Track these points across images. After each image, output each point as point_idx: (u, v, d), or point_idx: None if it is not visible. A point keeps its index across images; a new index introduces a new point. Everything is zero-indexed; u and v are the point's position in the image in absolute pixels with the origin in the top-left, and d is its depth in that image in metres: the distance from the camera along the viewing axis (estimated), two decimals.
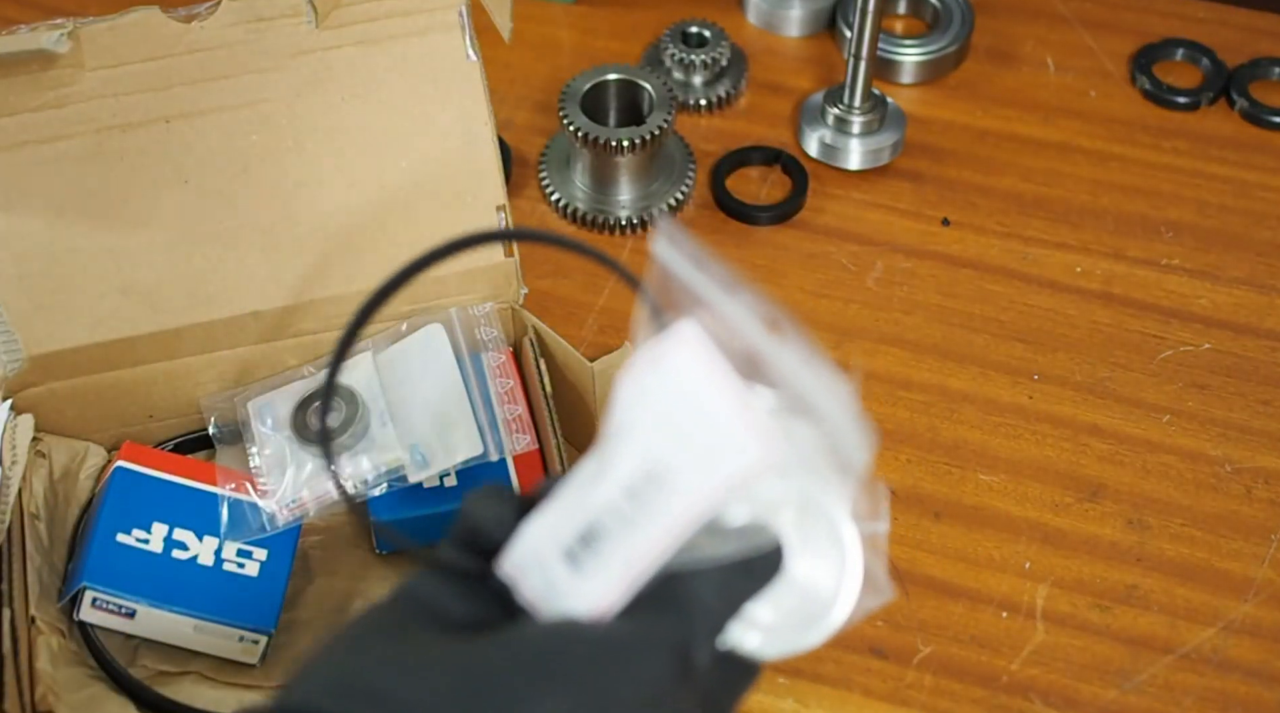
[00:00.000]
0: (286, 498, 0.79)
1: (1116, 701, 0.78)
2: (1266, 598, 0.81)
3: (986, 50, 1.08)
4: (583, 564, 0.48)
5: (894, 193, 1.00)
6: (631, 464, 0.48)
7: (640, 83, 0.97)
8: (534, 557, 0.49)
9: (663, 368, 0.48)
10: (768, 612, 0.50)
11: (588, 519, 0.48)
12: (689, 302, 0.49)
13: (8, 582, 0.73)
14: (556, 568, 0.48)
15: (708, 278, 0.49)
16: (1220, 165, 1.01)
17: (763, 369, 0.48)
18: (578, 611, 0.48)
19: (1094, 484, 0.86)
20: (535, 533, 0.49)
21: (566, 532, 0.48)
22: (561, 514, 0.49)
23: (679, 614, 0.48)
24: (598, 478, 0.48)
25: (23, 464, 0.75)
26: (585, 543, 0.48)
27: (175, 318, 0.81)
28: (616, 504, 0.48)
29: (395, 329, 0.83)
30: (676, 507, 0.47)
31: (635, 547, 0.48)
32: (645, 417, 0.48)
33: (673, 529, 0.47)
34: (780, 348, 0.48)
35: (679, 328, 0.48)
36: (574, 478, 0.49)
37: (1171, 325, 0.93)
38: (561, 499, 0.49)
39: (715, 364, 0.47)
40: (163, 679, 0.76)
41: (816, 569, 0.50)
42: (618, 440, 0.48)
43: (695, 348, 0.48)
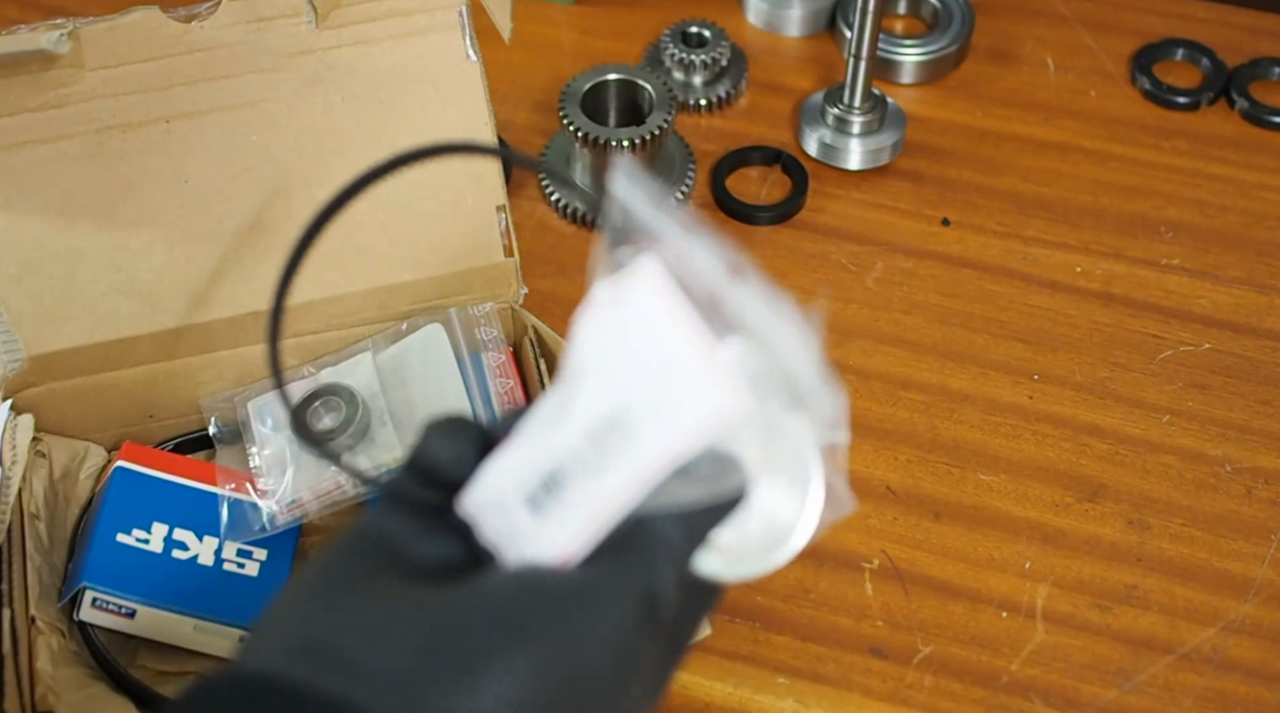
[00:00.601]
0: (286, 498, 0.79)
1: (1116, 701, 0.78)
2: (1266, 598, 0.81)
3: (986, 50, 1.08)
4: (545, 510, 0.47)
5: (894, 193, 1.00)
6: (593, 408, 0.47)
7: (640, 83, 0.97)
8: (496, 499, 0.48)
9: (623, 305, 0.47)
10: (731, 536, 0.50)
11: (550, 464, 0.47)
12: (648, 240, 0.47)
13: (8, 582, 0.73)
14: (519, 512, 0.47)
15: (667, 217, 0.47)
16: (1220, 165, 1.01)
17: (723, 309, 0.47)
18: (541, 556, 0.47)
19: (1094, 484, 0.86)
20: (497, 474, 0.48)
21: (528, 476, 0.47)
22: (523, 457, 0.48)
23: (644, 557, 0.47)
24: (559, 420, 0.47)
25: (23, 464, 0.75)
26: (547, 489, 0.47)
27: (175, 318, 0.81)
28: (579, 450, 0.47)
29: (395, 329, 0.83)
30: (639, 456, 0.46)
31: (598, 494, 0.47)
32: (606, 357, 0.47)
33: (635, 479, 0.46)
34: (741, 287, 0.47)
35: (640, 263, 0.47)
36: (535, 417, 0.48)
37: (1171, 325, 0.93)
38: (523, 441, 0.48)
39: (677, 302, 0.46)
40: (163, 679, 0.76)
41: (778, 492, 0.50)
42: (579, 382, 0.47)
43: (656, 284, 0.46)
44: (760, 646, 0.79)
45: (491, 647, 0.45)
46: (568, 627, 0.45)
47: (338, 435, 0.79)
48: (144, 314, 0.80)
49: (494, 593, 0.47)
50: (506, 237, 0.84)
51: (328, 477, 0.79)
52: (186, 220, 0.80)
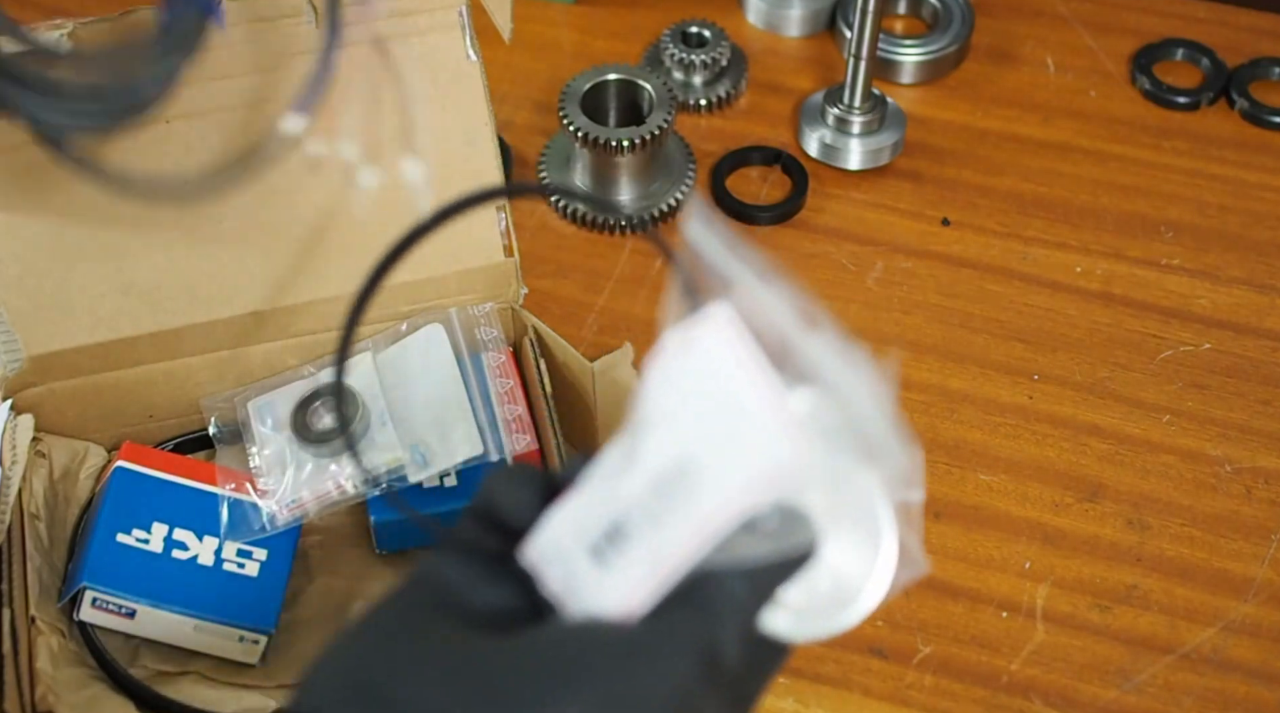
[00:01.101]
0: (286, 498, 0.79)
1: (1116, 701, 0.78)
2: (1266, 598, 0.81)
3: (986, 50, 1.08)
4: (609, 562, 0.46)
5: (894, 193, 1.00)
6: (660, 458, 0.46)
7: (640, 83, 0.97)
8: (558, 549, 0.47)
9: (693, 353, 0.46)
10: (799, 594, 0.48)
11: (614, 514, 0.46)
12: (721, 286, 0.46)
13: (8, 582, 0.73)
14: (581, 562, 0.46)
15: (741, 263, 0.46)
16: (1220, 165, 1.01)
17: (794, 358, 0.46)
18: (603, 609, 0.46)
19: (1094, 484, 0.86)
20: (560, 524, 0.47)
21: (592, 526, 0.46)
22: (587, 506, 0.47)
23: (707, 612, 0.46)
24: (625, 470, 0.46)
25: (23, 464, 0.75)
26: (611, 539, 0.46)
27: (175, 318, 0.81)
28: (644, 500, 0.46)
29: (395, 329, 0.83)
30: (705, 508, 0.45)
31: (662, 548, 0.46)
32: (674, 406, 0.46)
33: (701, 531, 0.45)
34: (813, 336, 0.46)
35: (711, 310, 0.46)
36: (601, 465, 0.47)
37: (1171, 325, 0.93)
38: (588, 490, 0.47)
39: (747, 350, 0.45)
40: (163, 679, 0.76)
41: (849, 549, 0.48)
42: (646, 431, 0.46)
43: (727, 332, 0.45)
44: None
45: (547, 698, 0.44)
46: (626, 681, 0.45)
47: (337, 436, 0.79)
48: (144, 314, 0.80)
49: (552, 644, 0.46)
50: (506, 237, 0.84)
51: (327, 477, 0.79)
52: (186, 220, 0.80)
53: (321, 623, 0.79)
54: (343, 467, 0.79)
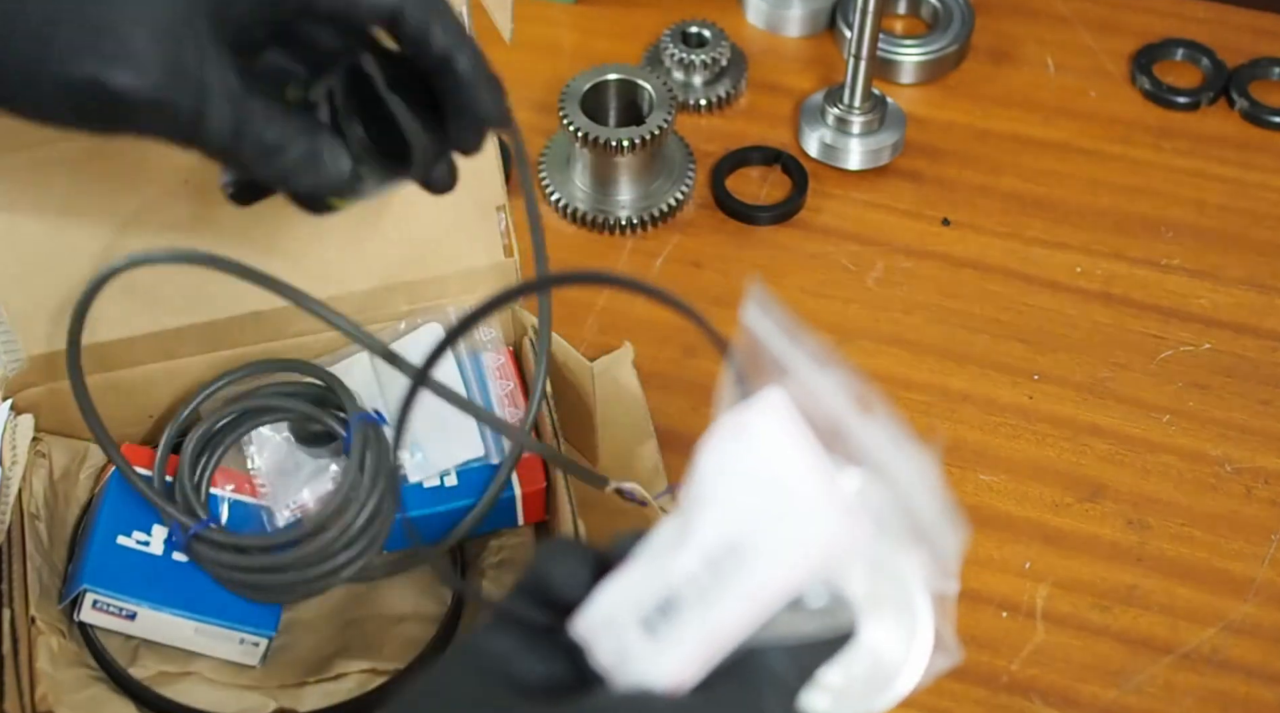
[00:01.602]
0: (287, 499, 0.78)
1: (1116, 701, 0.78)
2: (1266, 598, 0.81)
3: (986, 50, 1.08)
4: (660, 635, 0.47)
5: (894, 193, 1.00)
6: (713, 535, 0.47)
7: (640, 83, 0.97)
8: (610, 622, 0.48)
9: (746, 436, 0.47)
10: (837, 675, 0.50)
11: (666, 588, 0.47)
12: (776, 371, 0.48)
13: (8, 582, 0.73)
14: (632, 636, 0.48)
15: (797, 349, 0.48)
16: (1220, 165, 1.01)
17: (848, 444, 0.47)
18: (653, 680, 0.47)
19: (1094, 484, 0.86)
20: (612, 597, 0.48)
21: (644, 599, 0.48)
22: (640, 580, 0.48)
23: (753, 688, 0.47)
24: (677, 546, 0.48)
25: (23, 464, 0.75)
26: (663, 613, 0.47)
27: (175, 318, 0.81)
28: (696, 575, 0.47)
29: (393, 329, 0.83)
30: (756, 582, 0.47)
31: (714, 622, 0.47)
32: (728, 486, 0.47)
33: (752, 606, 0.47)
34: (867, 424, 0.47)
35: (765, 396, 0.47)
36: (652, 542, 0.49)
37: (1171, 325, 0.93)
38: (640, 565, 0.48)
39: (800, 436, 0.47)
40: (163, 680, 0.76)
41: (886, 633, 0.50)
42: (699, 509, 0.47)
43: (781, 418, 0.47)
44: None
45: None
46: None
47: (335, 438, 0.79)
48: (144, 314, 0.80)
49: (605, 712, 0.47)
50: (506, 236, 0.83)
51: (327, 477, 0.79)
52: (186, 221, 0.80)
53: (322, 624, 0.79)
54: (341, 468, 0.78)
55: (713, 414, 0.48)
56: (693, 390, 0.89)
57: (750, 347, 0.48)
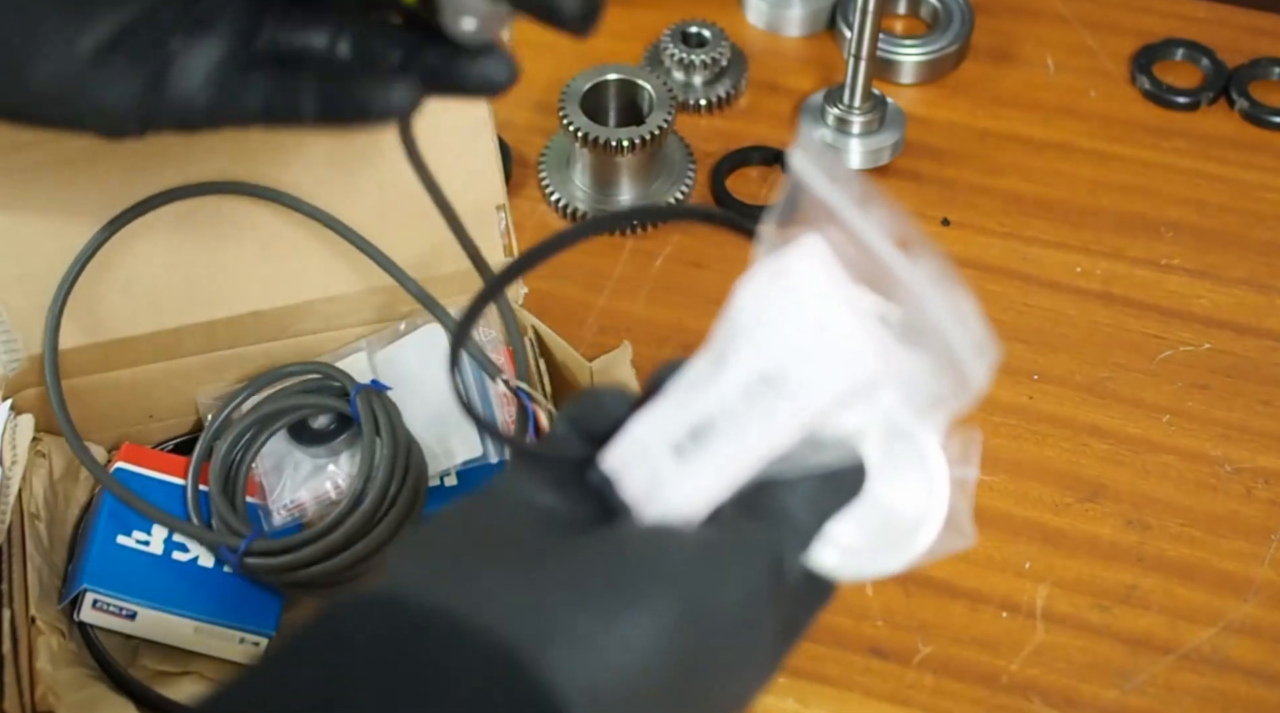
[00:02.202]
0: (285, 499, 0.78)
1: (1116, 701, 0.78)
2: (1266, 598, 0.81)
3: (986, 50, 1.08)
4: (690, 458, 0.48)
5: (894, 193, 0.99)
6: (748, 365, 0.48)
7: (640, 83, 0.97)
8: (640, 451, 0.48)
9: (784, 278, 0.48)
10: (848, 531, 0.50)
11: (700, 415, 0.48)
12: (820, 214, 0.48)
13: (8, 582, 0.73)
14: (663, 460, 0.48)
15: (841, 191, 0.49)
16: (1220, 165, 1.01)
17: (889, 286, 0.48)
18: (678, 504, 0.48)
19: (1094, 484, 0.86)
20: (644, 426, 0.49)
21: (677, 426, 0.48)
22: (673, 409, 0.49)
23: (772, 523, 0.48)
24: (712, 377, 0.48)
25: (23, 464, 0.75)
26: (695, 438, 0.48)
27: (175, 318, 0.81)
28: (730, 402, 0.48)
29: (393, 328, 0.83)
30: (789, 408, 0.47)
31: (743, 443, 0.47)
32: (764, 321, 0.48)
33: (783, 431, 0.47)
34: (909, 265, 0.48)
35: (803, 241, 0.48)
36: (686, 375, 0.49)
37: (1171, 325, 0.93)
38: (672, 395, 0.49)
39: (838, 278, 0.48)
40: (163, 680, 0.77)
41: (900, 495, 0.50)
42: (735, 341, 0.48)
43: (818, 261, 0.48)
44: None
45: (626, 590, 0.45)
46: (701, 578, 0.46)
47: (334, 437, 0.79)
48: (144, 314, 0.80)
49: (630, 541, 0.47)
50: (506, 236, 0.83)
51: (325, 477, 0.79)
52: (187, 220, 0.80)
53: None
54: (340, 467, 0.78)
55: (751, 260, 0.49)
56: None
57: (794, 190, 0.49)
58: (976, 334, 0.48)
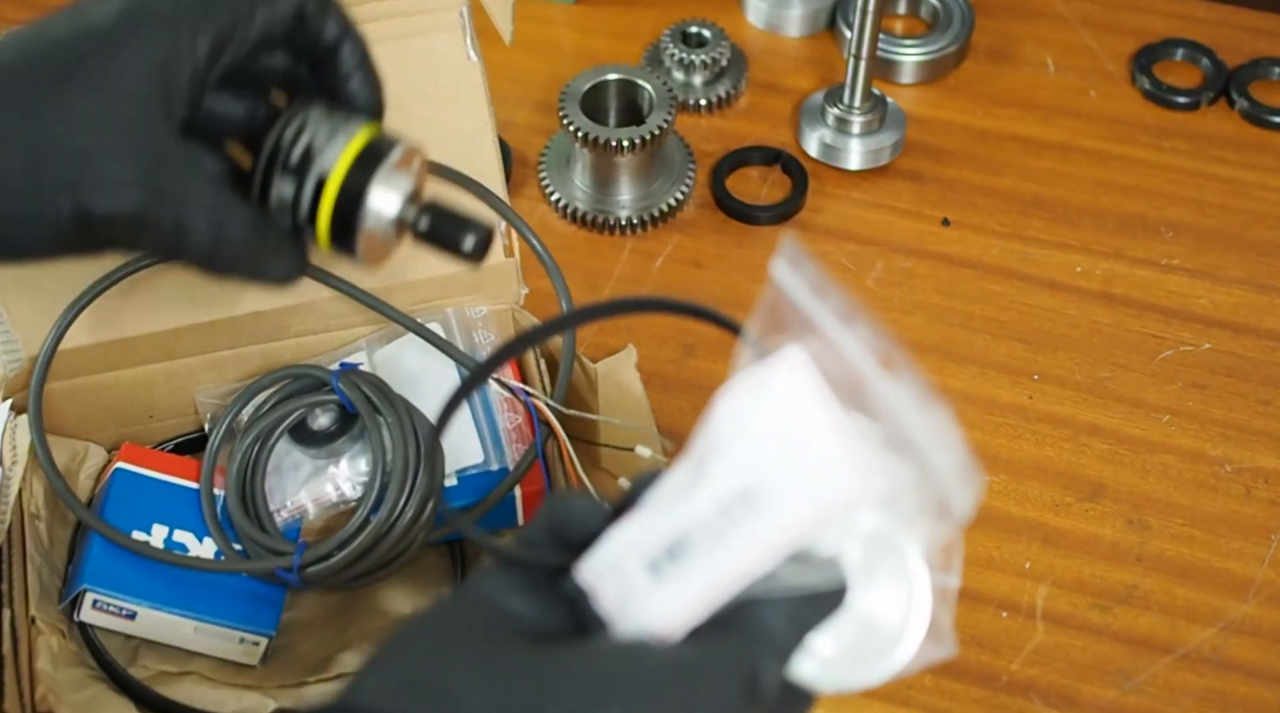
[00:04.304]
0: (286, 501, 0.78)
1: (1116, 701, 0.78)
2: (1266, 598, 0.81)
3: (986, 50, 1.08)
4: (665, 576, 0.47)
5: (894, 193, 1.00)
6: (727, 481, 0.47)
7: (640, 83, 0.97)
8: (617, 564, 0.48)
9: (765, 391, 0.48)
10: (828, 643, 0.50)
11: (677, 531, 0.47)
12: (801, 326, 0.48)
13: (8, 582, 0.73)
14: (638, 577, 0.48)
15: (824, 305, 0.48)
16: (1220, 165, 1.01)
17: (870, 403, 0.48)
18: (653, 623, 0.47)
19: (1094, 484, 0.86)
20: (621, 539, 0.48)
21: (653, 541, 0.48)
22: (650, 523, 0.48)
23: (748, 639, 0.47)
24: (691, 490, 0.48)
25: (23, 464, 0.75)
26: (671, 555, 0.47)
27: (175, 318, 0.81)
28: (708, 519, 0.47)
29: (393, 328, 0.83)
30: (768, 530, 0.47)
31: (721, 565, 0.47)
32: (744, 436, 0.47)
33: (761, 553, 0.47)
34: (891, 383, 0.47)
35: (785, 353, 0.48)
36: (663, 486, 0.49)
37: (1171, 325, 0.93)
38: (650, 508, 0.48)
39: (819, 392, 0.47)
40: (163, 680, 0.76)
41: (881, 607, 0.50)
42: (715, 454, 0.48)
43: (800, 374, 0.47)
44: None
45: (594, 708, 0.45)
46: (672, 698, 0.45)
47: (335, 439, 0.78)
48: (144, 314, 0.80)
49: (602, 656, 0.47)
50: (506, 236, 0.84)
51: (325, 479, 0.78)
52: None
53: (322, 624, 0.79)
54: (341, 469, 0.78)
55: (731, 370, 0.49)
56: (692, 391, 0.89)
57: (776, 301, 0.49)
58: (959, 459, 0.47)
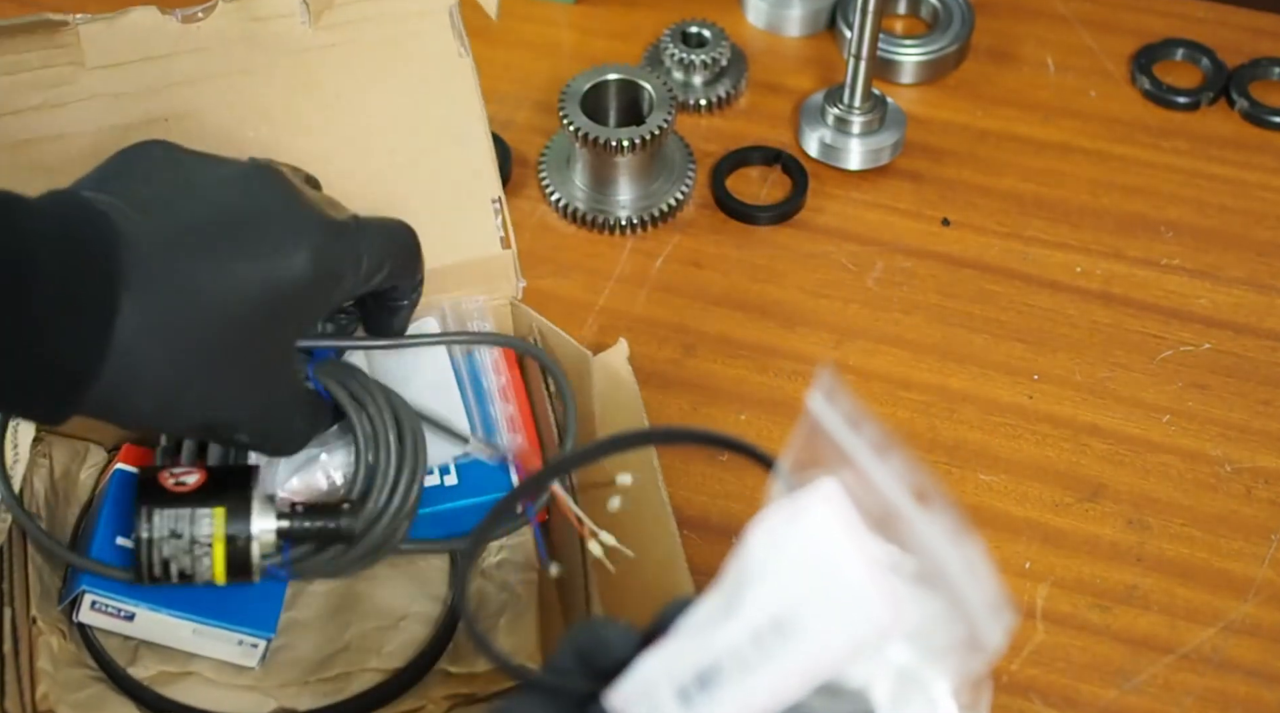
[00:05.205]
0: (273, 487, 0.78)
1: (1116, 701, 0.78)
2: (1266, 598, 0.81)
3: (986, 50, 1.08)
4: (696, 705, 0.48)
5: (894, 193, 1.00)
6: (760, 611, 0.48)
7: (640, 83, 0.97)
8: (648, 691, 0.48)
9: (799, 522, 0.48)
10: None
11: (709, 659, 0.48)
12: (836, 458, 0.49)
13: (8, 582, 0.73)
14: (669, 705, 0.48)
15: (859, 437, 0.49)
16: (1220, 165, 1.01)
17: (903, 535, 0.48)
18: None
19: (1094, 484, 0.86)
20: (652, 666, 0.49)
21: (684, 669, 0.48)
22: (681, 652, 0.48)
23: None
24: (723, 619, 0.48)
25: (24, 464, 0.75)
26: (702, 683, 0.48)
27: None
28: (740, 648, 0.48)
29: None
30: (799, 660, 0.47)
31: (751, 695, 0.47)
32: (777, 565, 0.48)
33: (791, 683, 0.47)
34: (924, 516, 0.48)
35: (819, 485, 0.48)
36: (696, 614, 0.49)
37: (1171, 325, 0.93)
38: (682, 636, 0.49)
39: (853, 525, 0.48)
40: (163, 680, 0.76)
41: None
42: (747, 585, 0.48)
43: (834, 506, 0.48)
44: None
45: None
46: None
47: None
48: None
49: None
50: (503, 228, 0.84)
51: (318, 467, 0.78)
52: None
53: (321, 624, 0.79)
54: (333, 457, 0.78)
55: (765, 500, 0.49)
56: (692, 390, 0.89)
57: (811, 432, 0.49)
58: (991, 593, 0.48)
